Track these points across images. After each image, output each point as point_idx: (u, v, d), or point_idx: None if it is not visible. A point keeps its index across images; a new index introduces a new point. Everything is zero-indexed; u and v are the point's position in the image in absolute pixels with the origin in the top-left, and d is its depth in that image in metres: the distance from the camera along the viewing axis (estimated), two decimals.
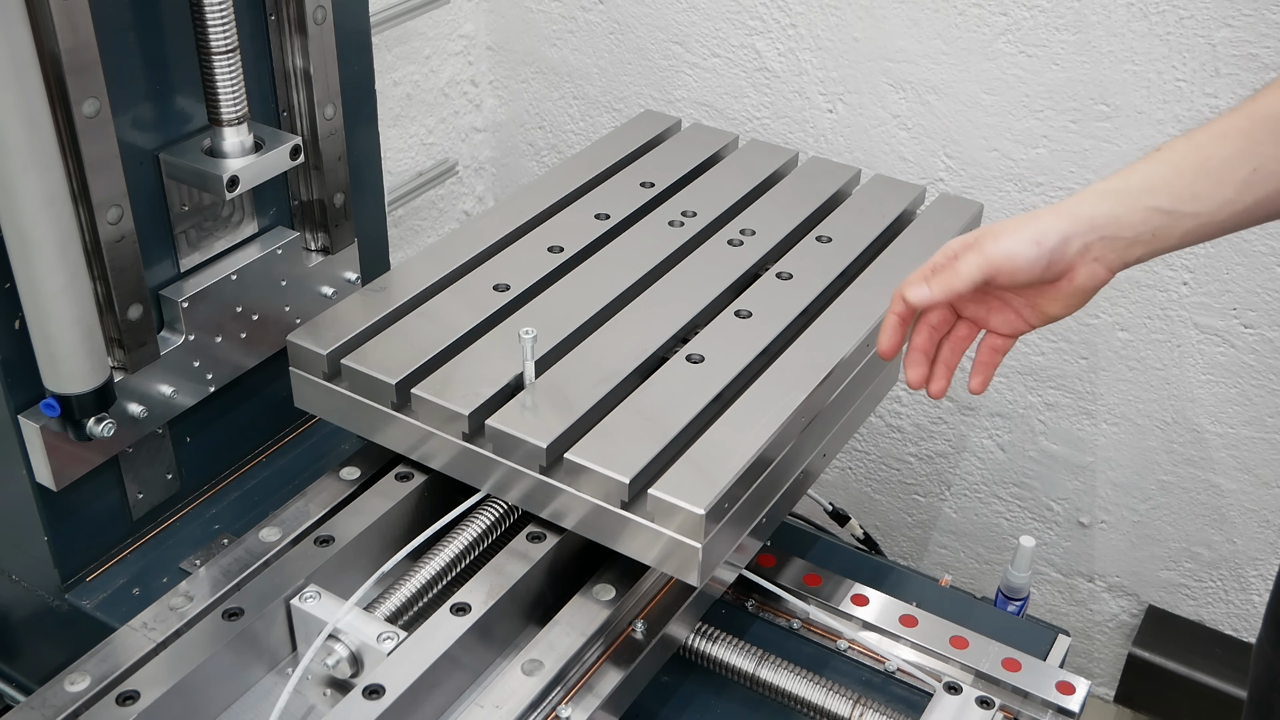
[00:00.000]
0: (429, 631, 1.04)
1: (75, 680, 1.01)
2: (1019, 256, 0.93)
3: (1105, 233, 0.93)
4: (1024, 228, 0.93)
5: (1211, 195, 0.92)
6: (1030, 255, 0.92)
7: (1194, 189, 0.93)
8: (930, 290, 0.95)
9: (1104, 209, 0.93)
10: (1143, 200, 0.93)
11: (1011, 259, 0.93)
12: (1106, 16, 1.59)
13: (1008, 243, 0.93)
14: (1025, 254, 0.92)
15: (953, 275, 0.95)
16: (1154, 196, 0.93)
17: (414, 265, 1.31)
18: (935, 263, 0.96)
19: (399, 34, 1.94)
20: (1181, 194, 0.93)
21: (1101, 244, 0.94)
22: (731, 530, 1.07)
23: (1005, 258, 0.93)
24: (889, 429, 2.07)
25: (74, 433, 1.13)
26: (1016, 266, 0.93)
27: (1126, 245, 0.94)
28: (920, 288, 0.96)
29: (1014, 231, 0.94)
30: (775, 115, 1.91)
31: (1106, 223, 0.93)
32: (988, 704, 1.13)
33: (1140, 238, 0.94)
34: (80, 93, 1.05)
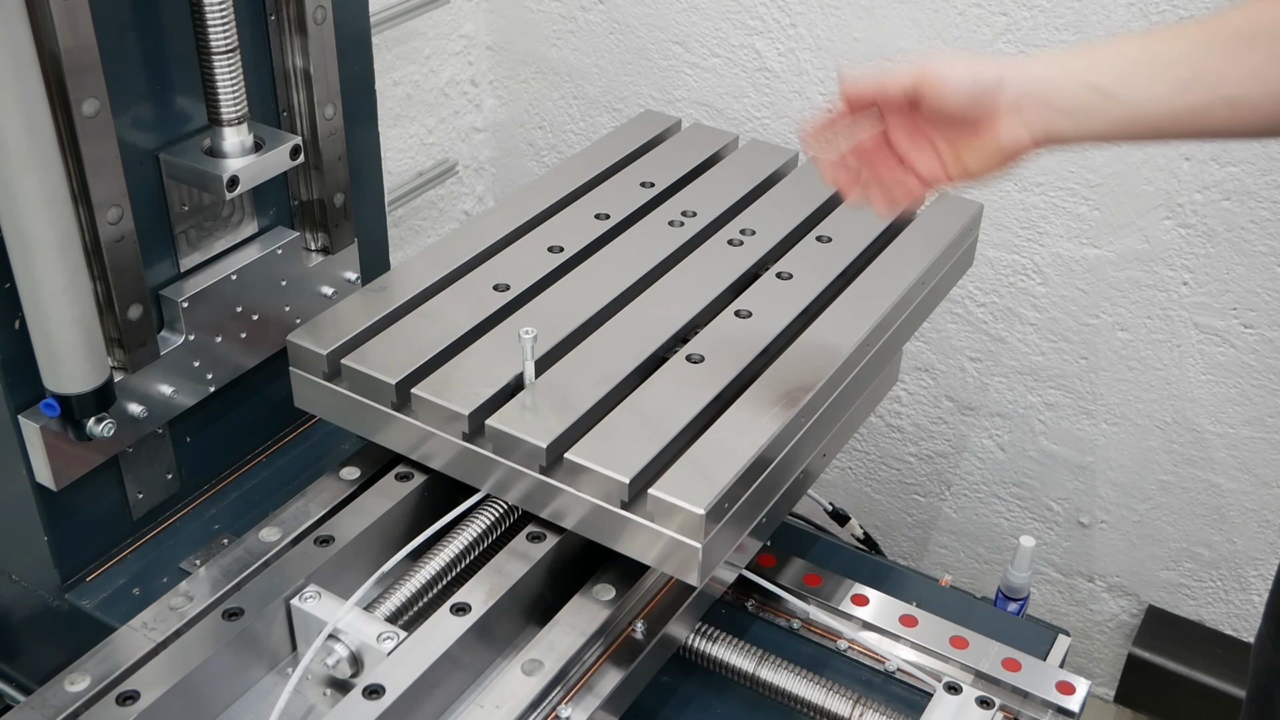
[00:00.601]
0: (429, 631, 1.04)
1: (75, 680, 1.01)
2: (950, 79, 0.95)
3: (1039, 95, 0.95)
4: (966, 59, 0.96)
5: (1149, 88, 0.93)
6: (963, 83, 0.95)
7: (1134, 76, 0.94)
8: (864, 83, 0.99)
9: (1045, 71, 0.96)
10: (1084, 74, 0.95)
11: (943, 79, 0.95)
12: (1106, 16, 1.59)
13: (945, 64, 0.96)
14: (958, 79, 0.95)
15: (886, 74, 0.98)
16: (1095, 73, 0.94)
17: (414, 265, 1.31)
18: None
19: (399, 34, 1.94)
20: (1121, 78, 0.94)
21: (1033, 102, 0.95)
22: (731, 530, 1.07)
23: (937, 76, 0.96)
24: (889, 429, 2.07)
25: (74, 433, 1.13)
26: (946, 87, 0.95)
27: (1055, 114, 0.95)
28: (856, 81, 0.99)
29: (955, 59, 0.97)
30: (775, 115, 1.91)
31: (1044, 86, 0.95)
32: (988, 704, 1.13)
33: (1070, 109, 0.95)
34: (80, 93, 1.05)
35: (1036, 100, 0.95)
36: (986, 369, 1.92)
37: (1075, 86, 0.95)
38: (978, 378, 1.93)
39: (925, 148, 1.01)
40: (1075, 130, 0.96)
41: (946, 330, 1.92)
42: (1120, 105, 0.94)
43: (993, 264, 1.83)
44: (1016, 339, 1.87)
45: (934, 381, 1.98)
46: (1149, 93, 0.93)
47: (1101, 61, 0.95)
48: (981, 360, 1.91)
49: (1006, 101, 0.95)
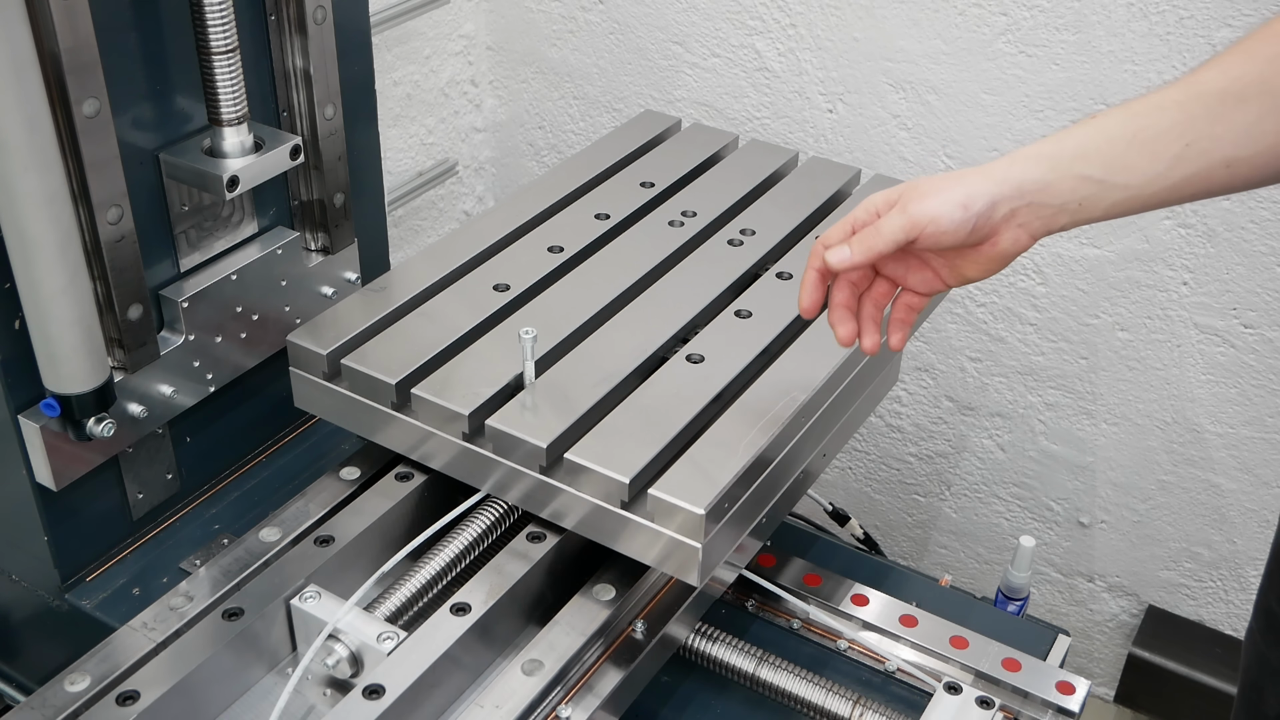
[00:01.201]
0: (429, 631, 1.04)
1: (75, 680, 1.01)
2: (944, 219, 0.91)
3: (1033, 199, 0.92)
4: (950, 189, 0.92)
5: (1143, 168, 0.91)
6: (956, 219, 0.91)
7: (1126, 160, 0.91)
8: (851, 253, 0.94)
9: (1034, 174, 0.92)
10: (1074, 168, 0.91)
11: (936, 222, 0.91)
12: (1106, 16, 1.59)
13: (933, 204, 0.91)
14: (951, 217, 0.91)
15: (875, 236, 0.93)
16: (1085, 165, 0.91)
17: (414, 265, 1.31)
18: (856, 218, 0.95)
19: (399, 34, 1.94)
20: (1113, 164, 0.91)
21: (1028, 210, 0.92)
22: (731, 530, 1.07)
23: (930, 220, 0.91)
24: (889, 429, 2.07)
25: (74, 433, 1.13)
26: (941, 230, 0.91)
27: (1053, 213, 0.92)
28: (841, 250, 0.94)
29: (939, 192, 0.92)
30: (775, 115, 1.91)
31: (1035, 189, 0.91)
32: (988, 704, 1.13)
33: (1067, 206, 0.92)
34: (80, 93, 1.05)
35: (1032, 208, 0.92)
36: (986, 369, 1.92)
37: (1068, 183, 0.92)
38: (978, 378, 1.93)
39: (920, 269, 0.99)
40: (1073, 220, 0.94)
41: (946, 330, 1.92)
42: (1117, 190, 0.92)
43: None
44: (1016, 339, 1.87)
45: (934, 381, 1.98)
46: (1144, 173, 0.91)
47: (1089, 149, 0.92)
48: (981, 360, 1.91)
49: (1001, 217, 0.92)
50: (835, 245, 0.95)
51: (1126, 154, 0.91)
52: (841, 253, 0.94)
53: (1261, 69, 0.89)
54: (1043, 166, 0.92)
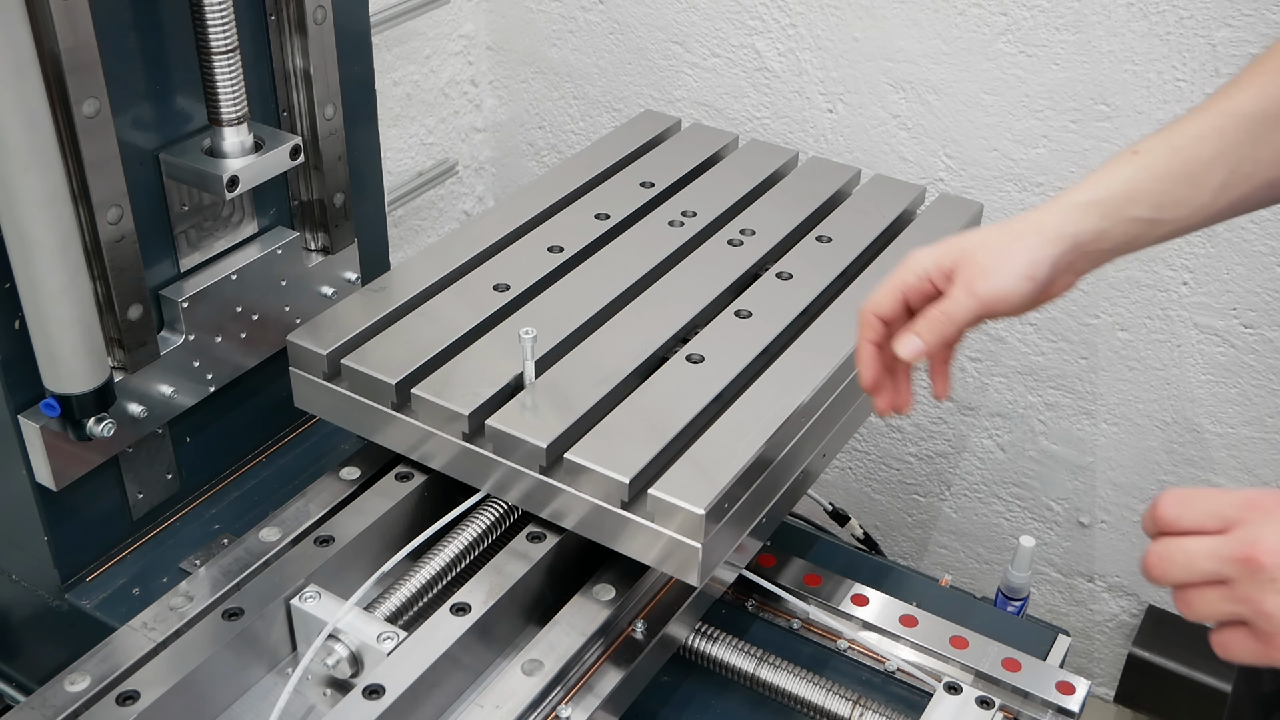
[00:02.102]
0: (429, 631, 1.04)
1: (75, 680, 1.01)
2: (1013, 295, 0.90)
3: (1090, 248, 0.91)
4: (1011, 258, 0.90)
5: (1190, 200, 0.91)
6: (1025, 292, 0.90)
7: (1175, 195, 0.91)
8: (924, 342, 0.91)
9: (1088, 225, 0.91)
10: (1125, 212, 0.91)
11: (1006, 300, 0.90)
12: (1106, 16, 1.59)
13: (999, 283, 0.89)
14: (1019, 291, 0.90)
15: (947, 324, 0.90)
16: (1136, 207, 0.91)
17: (414, 265, 1.31)
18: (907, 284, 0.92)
19: (399, 34, 1.94)
20: (1163, 202, 0.91)
21: (1083, 259, 0.92)
22: (731, 530, 1.07)
23: (999, 299, 0.90)
24: (889, 429, 2.07)
25: (74, 433, 1.13)
26: (1012, 305, 0.90)
27: (1104, 255, 0.93)
28: (912, 342, 0.91)
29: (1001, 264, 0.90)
30: (775, 115, 1.91)
31: (1091, 239, 0.91)
32: (988, 704, 1.13)
33: (1119, 247, 0.92)
34: (80, 93, 1.05)
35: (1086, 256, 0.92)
36: (986, 369, 1.92)
37: (1121, 227, 0.91)
38: (978, 378, 1.93)
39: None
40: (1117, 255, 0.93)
41: None
42: (1164, 225, 0.92)
43: None
44: (1016, 339, 1.87)
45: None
46: (1191, 205, 0.91)
47: (1138, 191, 0.91)
48: (981, 360, 1.91)
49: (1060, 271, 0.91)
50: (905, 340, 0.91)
51: (1174, 190, 0.91)
52: (913, 344, 0.91)
53: None
54: (1094, 215, 0.91)
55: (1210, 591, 0.74)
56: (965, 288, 0.90)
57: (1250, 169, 0.90)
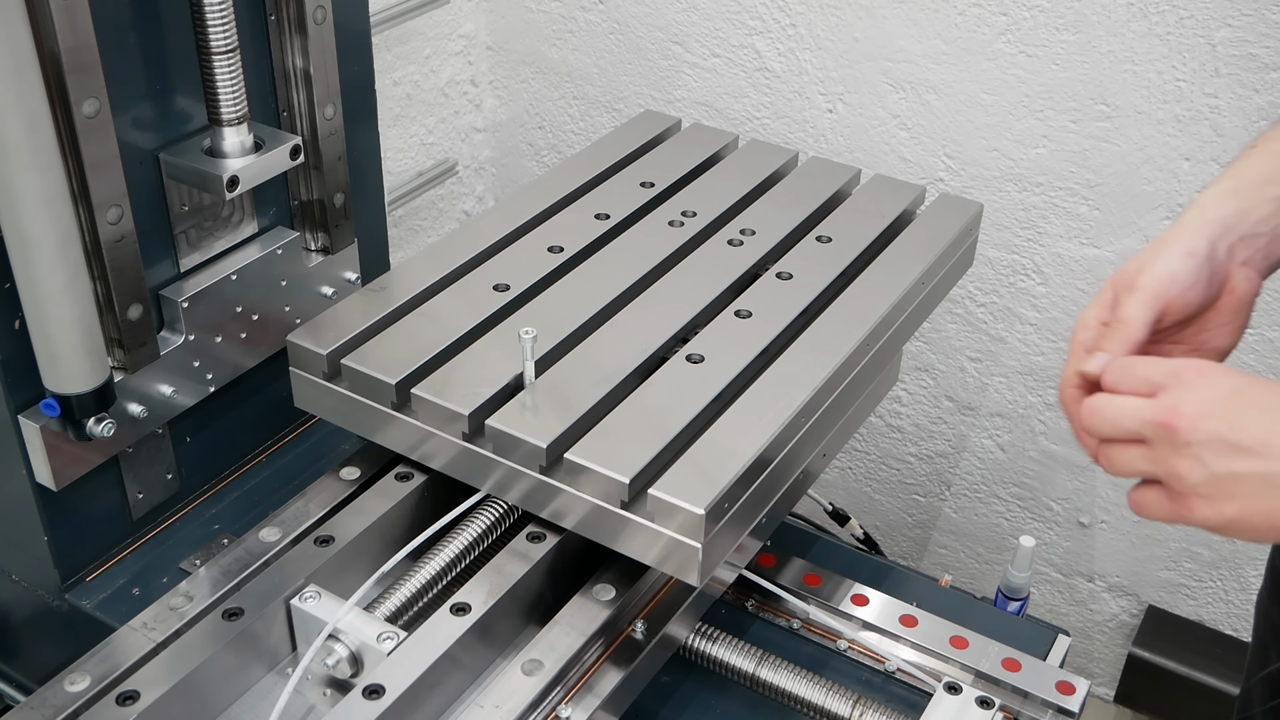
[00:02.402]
0: (429, 631, 1.04)
1: (75, 680, 1.01)
2: (1181, 274, 0.84)
3: (1240, 230, 0.87)
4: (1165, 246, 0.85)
5: None
6: (1190, 269, 0.84)
7: None
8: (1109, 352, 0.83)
9: (1230, 207, 0.87)
10: (1264, 192, 0.88)
11: (1176, 281, 0.84)
12: (1106, 16, 1.59)
13: (1161, 266, 0.84)
14: (1185, 269, 0.84)
15: (1123, 327, 0.84)
16: (1273, 186, 0.88)
17: (414, 265, 1.31)
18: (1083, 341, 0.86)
19: (399, 34, 1.94)
20: None
21: (1242, 244, 0.88)
22: (731, 530, 1.07)
23: (1169, 282, 0.84)
24: (889, 429, 2.07)
25: (74, 433, 1.13)
26: (1185, 287, 0.84)
27: (1266, 240, 0.88)
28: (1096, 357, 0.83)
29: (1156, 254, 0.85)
30: (775, 115, 1.91)
31: (1236, 219, 0.87)
32: (988, 704, 1.13)
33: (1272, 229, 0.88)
34: (80, 93, 1.05)
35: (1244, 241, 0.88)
36: (986, 369, 1.92)
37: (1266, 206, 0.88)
38: (978, 378, 1.93)
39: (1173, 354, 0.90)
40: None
41: (946, 330, 1.92)
42: None
43: (993, 264, 1.83)
44: (1016, 339, 1.87)
45: (934, 381, 1.98)
46: None
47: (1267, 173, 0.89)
48: (981, 360, 1.91)
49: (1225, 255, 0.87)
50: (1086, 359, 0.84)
51: None
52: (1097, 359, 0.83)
53: None
54: (1233, 200, 0.88)
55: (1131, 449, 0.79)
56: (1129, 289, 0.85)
57: None
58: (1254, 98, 1.55)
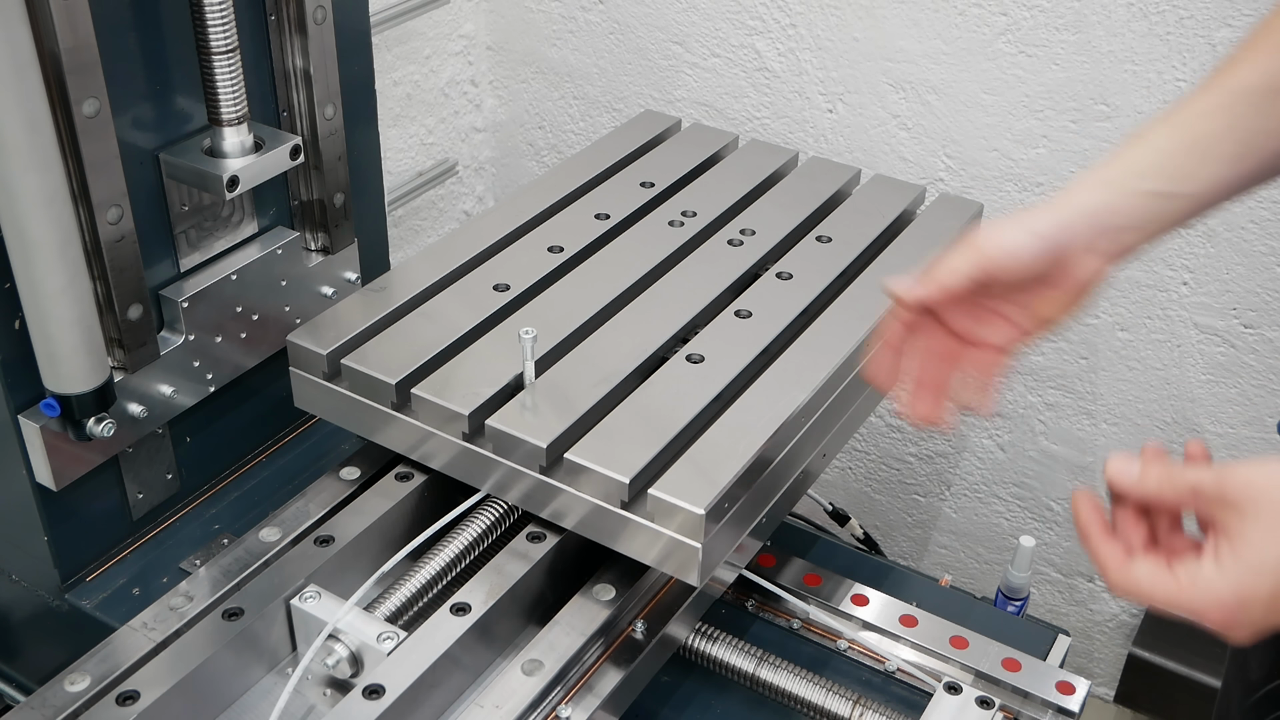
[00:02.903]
0: (429, 631, 1.04)
1: (75, 680, 1.01)
2: (1020, 251, 0.88)
3: (1102, 221, 0.90)
4: (1018, 220, 0.89)
5: (1203, 174, 0.90)
6: (1029, 246, 0.88)
7: (1186, 169, 0.90)
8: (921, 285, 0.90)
9: (1099, 198, 0.90)
10: (1137, 185, 0.90)
11: (1011, 255, 0.88)
12: (1106, 16, 1.59)
13: (1005, 237, 0.88)
14: (1024, 245, 0.88)
15: (944, 270, 0.89)
16: (1147, 181, 0.90)
17: (414, 265, 1.31)
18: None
19: (399, 34, 1.94)
20: (1174, 175, 0.90)
21: (1099, 235, 0.90)
22: (731, 530, 1.07)
23: (1002, 251, 0.88)
24: (889, 429, 2.07)
25: (74, 433, 1.13)
26: (1018, 260, 0.88)
27: (1123, 231, 0.90)
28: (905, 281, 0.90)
29: (1010, 225, 0.89)
30: (775, 115, 1.91)
31: (1103, 210, 0.89)
32: (988, 704, 1.13)
33: (1135, 224, 0.90)
34: (80, 93, 1.05)
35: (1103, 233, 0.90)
36: None
37: (1134, 200, 0.90)
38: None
39: (994, 322, 0.94)
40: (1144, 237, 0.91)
41: None
42: (1183, 200, 0.90)
43: None
44: None
45: None
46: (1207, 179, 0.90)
47: (1147, 166, 0.90)
48: None
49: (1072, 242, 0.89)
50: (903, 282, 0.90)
51: (1186, 164, 0.90)
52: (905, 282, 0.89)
53: None
54: (1105, 191, 0.90)
55: None
56: (968, 244, 0.89)
57: (1261, 141, 0.90)
58: None
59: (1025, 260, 0.88)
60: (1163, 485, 0.78)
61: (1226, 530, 0.73)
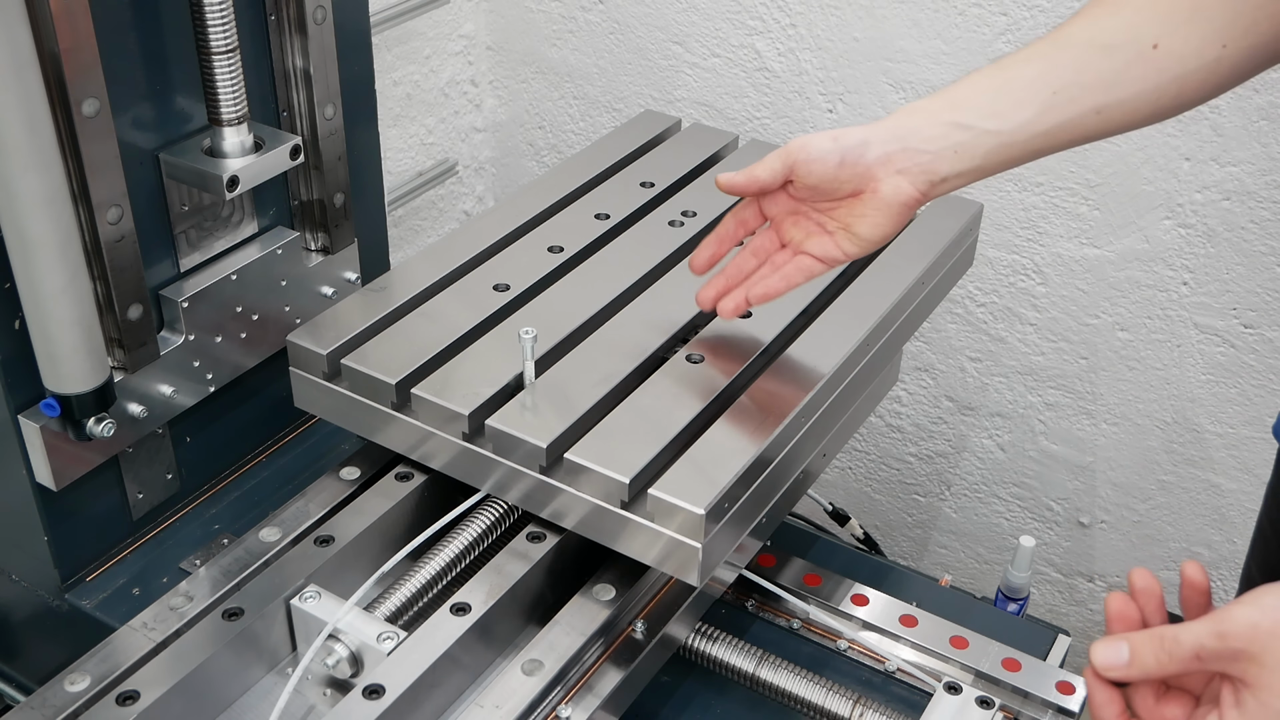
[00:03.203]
0: (429, 631, 1.04)
1: (75, 680, 1.01)
2: (814, 148, 0.97)
3: (906, 143, 0.96)
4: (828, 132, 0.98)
5: (1011, 114, 0.95)
6: (825, 148, 0.97)
7: (995, 107, 0.95)
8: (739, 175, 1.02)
9: (905, 121, 0.97)
10: (943, 115, 0.96)
11: (806, 149, 0.98)
12: None
13: (809, 140, 0.98)
14: (821, 146, 0.97)
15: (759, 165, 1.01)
16: (955, 112, 0.96)
17: (414, 265, 1.31)
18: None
19: (399, 34, 1.94)
20: (982, 110, 0.95)
21: (904, 155, 0.96)
22: (731, 530, 1.07)
23: (801, 148, 0.98)
24: (889, 429, 2.07)
25: (74, 433, 1.13)
26: (811, 157, 0.98)
27: (930, 159, 0.96)
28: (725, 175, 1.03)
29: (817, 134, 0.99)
30: (775, 115, 1.91)
31: (906, 133, 0.96)
32: (988, 704, 1.13)
33: (942, 152, 0.96)
34: (80, 93, 1.05)
35: (907, 153, 0.96)
36: (986, 369, 1.92)
37: (939, 128, 0.96)
38: (978, 378, 1.93)
39: (814, 231, 1.04)
40: (952, 168, 0.97)
41: (946, 330, 1.92)
42: (989, 136, 0.95)
43: (993, 264, 1.83)
44: (1016, 339, 1.87)
45: (934, 381, 1.98)
46: (1014, 120, 0.95)
47: (960, 100, 0.97)
48: (981, 360, 1.91)
49: (876, 157, 0.97)
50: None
51: (996, 101, 0.96)
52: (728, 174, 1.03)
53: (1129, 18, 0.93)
54: (913, 117, 0.98)
55: None
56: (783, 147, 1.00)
57: (1076, 92, 0.94)
58: (1254, 98, 1.55)
59: (821, 160, 0.98)
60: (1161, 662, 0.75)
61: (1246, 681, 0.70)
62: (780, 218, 1.06)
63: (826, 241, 1.03)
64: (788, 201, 1.05)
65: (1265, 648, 0.69)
